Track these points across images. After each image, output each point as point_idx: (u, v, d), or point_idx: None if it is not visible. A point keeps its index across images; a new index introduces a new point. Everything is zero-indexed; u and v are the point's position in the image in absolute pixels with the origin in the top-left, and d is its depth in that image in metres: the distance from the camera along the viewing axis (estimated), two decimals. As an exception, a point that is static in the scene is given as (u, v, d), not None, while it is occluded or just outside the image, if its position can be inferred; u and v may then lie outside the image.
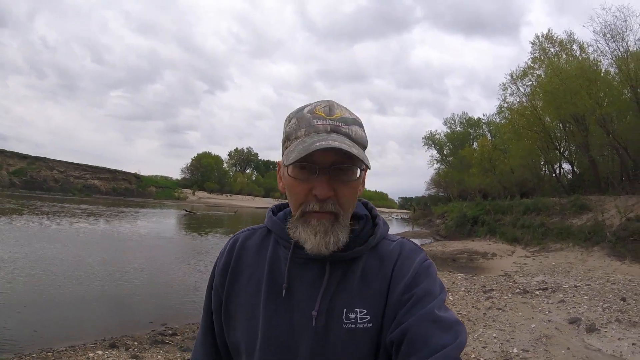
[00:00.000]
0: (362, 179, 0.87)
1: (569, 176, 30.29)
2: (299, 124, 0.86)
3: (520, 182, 32.06)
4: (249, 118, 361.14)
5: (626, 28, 19.39)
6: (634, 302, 7.40)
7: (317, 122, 0.84)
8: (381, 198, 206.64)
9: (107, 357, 4.99)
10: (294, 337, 0.86)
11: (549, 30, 25.08)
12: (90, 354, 5.02)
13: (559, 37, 24.94)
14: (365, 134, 0.89)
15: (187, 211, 40.01)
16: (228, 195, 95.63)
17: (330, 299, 0.86)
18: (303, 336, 0.85)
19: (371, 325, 0.84)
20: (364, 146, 0.87)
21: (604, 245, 14.91)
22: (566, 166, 30.44)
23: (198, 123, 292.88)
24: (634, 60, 18.71)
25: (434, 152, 51.95)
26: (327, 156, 0.80)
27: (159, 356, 5.13)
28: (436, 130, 54.60)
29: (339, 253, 0.86)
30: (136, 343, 5.73)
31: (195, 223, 28.90)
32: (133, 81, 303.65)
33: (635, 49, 19.47)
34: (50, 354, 5.18)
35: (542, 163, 31.47)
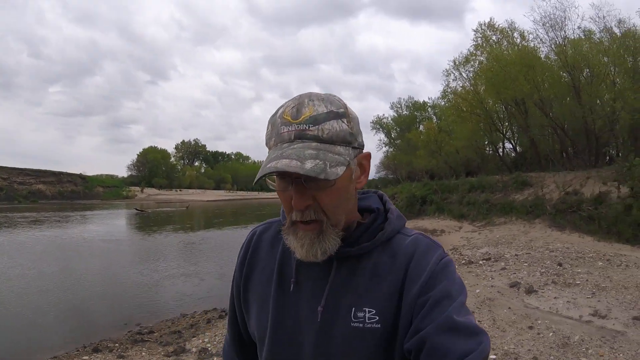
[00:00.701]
0: (351, 174, 0.82)
1: (512, 155, 32.22)
2: (271, 131, 0.82)
3: (465, 162, 33.69)
4: (194, 108, 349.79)
5: (565, 18, 20.79)
6: (569, 266, 8.42)
7: (283, 129, 0.78)
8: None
9: None
10: (300, 332, 0.86)
11: (491, 19, 26.25)
12: None
13: (500, 26, 26.25)
14: (346, 124, 0.80)
15: (137, 210, 38.82)
16: (178, 190, 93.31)
17: (338, 295, 0.85)
18: (308, 331, 0.85)
19: (379, 326, 0.81)
20: (344, 140, 0.79)
21: (545, 218, 16.23)
22: (508, 146, 32.31)
23: (141, 116, 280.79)
24: (572, 48, 20.11)
25: (382, 135, 52.85)
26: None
27: (143, 353, 5.24)
28: (384, 115, 55.32)
29: (345, 249, 0.84)
30: (117, 345, 5.80)
31: (147, 222, 28.14)
32: (72, 75, 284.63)
33: (573, 37, 20.95)
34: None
35: (485, 143, 33.02)
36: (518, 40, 25.16)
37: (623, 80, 19.16)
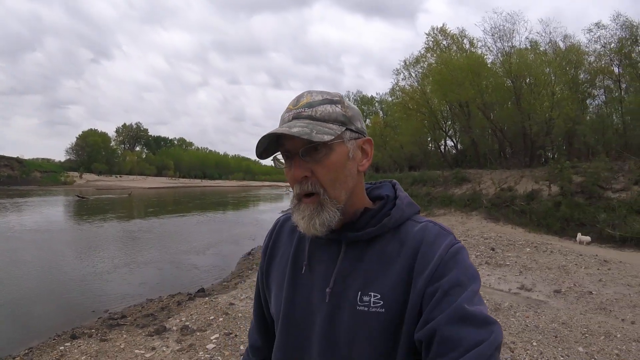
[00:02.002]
0: (347, 151, 0.86)
1: (453, 152, 34.00)
2: (280, 120, 0.89)
3: (409, 157, 35.30)
4: (137, 90, 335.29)
5: (514, 31, 22.59)
6: (501, 251, 9.81)
7: (285, 115, 0.87)
8: (277, 172, 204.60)
9: (79, 345, 4.90)
10: (311, 311, 0.89)
11: (443, 24, 27.82)
12: (60, 348, 4.91)
13: (451, 32, 27.84)
14: (341, 108, 0.86)
15: (78, 196, 36.80)
16: (118, 176, 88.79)
17: (345, 279, 0.87)
18: (318, 311, 0.88)
19: (383, 310, 0.82)
20: (336, 119, 0.84)
21: (481, 211, 17.90)
22: (450, 143, 34.25)
23: (81, 97, 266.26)
24: (517, 58, 21.80)
25: None
26: (294, 143, 0.83)
27: (124, 335, 5.17)
28: None
29: (353, 233, 0.87)
30: (93, 330, 5.65)
31: (89, 209, 26.61)
32: (11, 51, 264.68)
33: (520, 47, 22.70)
34: (18, 358, 4.92)
35: (428, 140, 34.68)
36: (467, 46, 26.90)
37: (562, 90, 21.12)
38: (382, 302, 0.82)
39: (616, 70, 21.10)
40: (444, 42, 28.02)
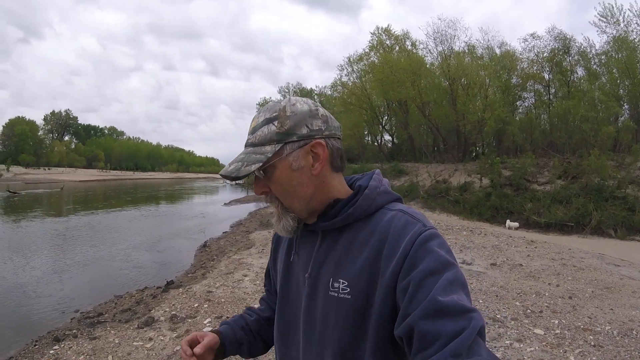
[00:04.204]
0: (289, 164, 0.88)
1: (389, 145, 35.72)
2: None
3: (347, 150, 36.37)
4: (66, 74, 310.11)
5: (455, 36, 24.46)
6: (441, 233, 10.68)
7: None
8: (212, 164, 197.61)
9: (70, 347, 4.72)
10: (299, 295, 0.97)
11: (388, 25, 29.33)
12: (49, 352, 4.69)
13: (395, 32, 29.29)
14: (277, 125, 0.87)
15: (10, 192, 33.98)
16: (47, 168, 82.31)
17: (321, 265, 0.92)
18: (303, 295, 0.95)
19: (350, 297, 0.85)
20: (271, 139, 0.87)
21: (419, 201, 19.41)
22: (387, 137, 35.97)
23: (7, 80, 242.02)
24: (455, 61, 23.55)
25: None
26: None
27: (112, 331, 5.08)
28: (270, 97, 55.40)
29: (323, 223, 0.92)
30: (75, 331, 5.35)
31: (23, 205, 24.57)
32: None
33: (458, 51, 24.53)
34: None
35: (365, 133, 36.14)
36: (410, 47, 28.37)
37: (495, 93, 22.99)
38: (349, 289, 0.85)
39: (546, 76, 23.38)
40: (388, 42, 29.39)
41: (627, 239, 11.78)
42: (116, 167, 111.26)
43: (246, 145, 0.91)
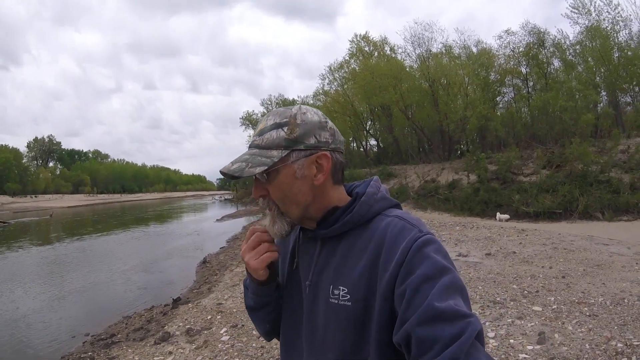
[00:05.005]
0: (293, 172, 0.89)
1: (375, 149, 36.01)
2: None
3: (334, 158, 36.89)
4: (46, 98, 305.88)
5: (432, 38, 25.08)
6: (435, 231, 11.28)
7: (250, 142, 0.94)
8: (199, 181, 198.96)
9: None
10: (301, 301, 0.97)
11: (366, 32, 29.97)
12: None
13: (373, 39, 29.89)
14: (286, 131, 0.88)
15: (1, 222, 33.79)
16: (33, 196, 79.92)
17: (321, 273, 0.93)
18: (303, 303, 0.96)
19: (350, 304, 0.86)
20: (279, 145, 0.88)
21: (409, 202, 19.70)
22: (372, 141, 36.28)
23: None
24: (434, 62, 24.06)
25: (251, 131, 51.00)
26: None
27: (129, 350, 5.12)
28: (253, 111, 54.84)
29: (321, 231, 0.93)
30: (90, 353, 5.38)
31: (15, 235, 23.91)
32: None
33: (436, 52, 25.09)
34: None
35: (351, 140, 36.05)
36: (388, 52, 28.88)
37: (475, 91, 23.49)
38: (348, 296, 0.85)
39: (524, 70, 23.94)
40: (367, 49, 29.92)
41: (614, 220, 12.19)
42: (103, 190, 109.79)
43: (251, 146, 0.91)
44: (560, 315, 4.21)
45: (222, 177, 0.93)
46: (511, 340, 3.72)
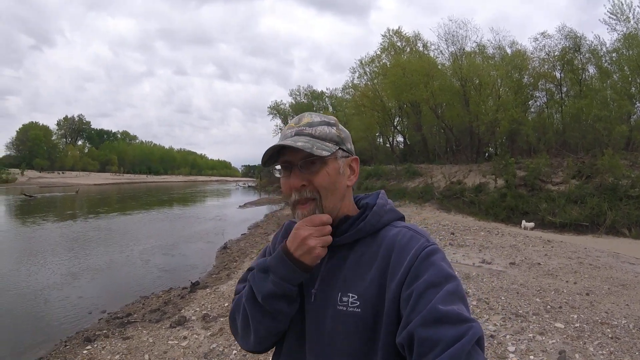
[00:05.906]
0: (339, 167, 0.96)
1: (401, 146, 35.66)
2: (280, 134, 1.01)
3: (360, 152, 36.22)
4: (79, 80, 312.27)
5: (466, 37, 24.62)
6: (460, 234, 11.20)
7: (287, 131, 0.97)
8: (224, 167, 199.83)
9: (103, 347, 4.84)
10: (301, 310, 0.98)
11: (399, 27, 29.61)
12: (82, 352, 4.79)
13: (406, 34, 29.53)
14: (336, 130, 0.97)
15: (26, 195, 34.75)
16: (61, 172, 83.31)
17: (328, 280, 0.95)
18: (305, 310, 0.97)
19: (359, 310, 0.88)
20: (332, 139, 0.96)
21: (433, 202, 19.62)
22: (399, 138, 35.90)
23: (20, 87, 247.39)
24: (467, 61, 23.69)
25: (278, 121, 52.77)
26: (295, 155, 0.93)
27: (144, 331, 5.17)
28: (281, 101, 55.40)
29: (334, 238, 0.94)
30: (105, 331, 5.43)
31: (40, 208, 25.15)
32: None
33: (470, 51, 24.67)
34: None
35: (377, 135, 36.26)
36: (421, 49, 28.56)
37: (507, 93, 22.99)
38: (358, 303, 0.88)
39: (558, 75, 23.27)
40: (399, 44, 29.63)
41: (641, 237, 11.92)
42: (129, 170, 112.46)
43: (299, 134, 0.96)
44: (583, 335, 4.25)
45: (246, 164, 1.05)
46: (531, 357, 3.78)
